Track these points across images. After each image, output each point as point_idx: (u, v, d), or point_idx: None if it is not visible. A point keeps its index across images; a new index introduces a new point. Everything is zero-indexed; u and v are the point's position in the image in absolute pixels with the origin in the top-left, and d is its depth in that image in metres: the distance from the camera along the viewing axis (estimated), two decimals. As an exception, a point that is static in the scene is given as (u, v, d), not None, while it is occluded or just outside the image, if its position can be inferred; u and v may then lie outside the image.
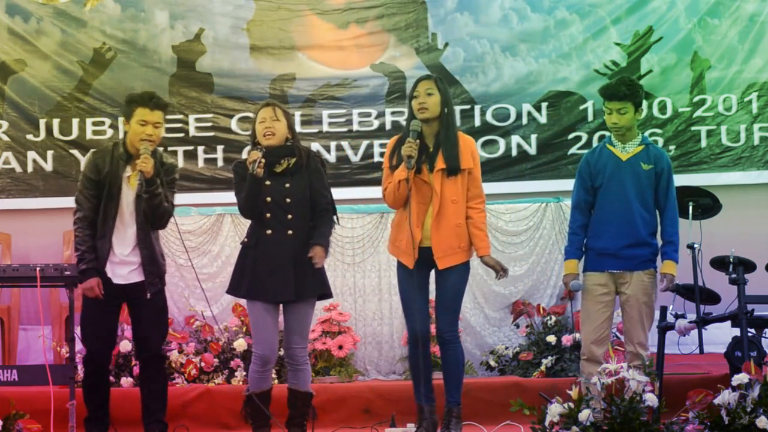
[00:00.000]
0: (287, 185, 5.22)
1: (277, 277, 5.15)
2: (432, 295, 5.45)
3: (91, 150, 5.47)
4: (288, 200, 5.21)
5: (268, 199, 5.18)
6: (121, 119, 5.30)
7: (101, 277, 5.22)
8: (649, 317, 5.34)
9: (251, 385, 5.26)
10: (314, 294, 5.29)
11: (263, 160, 5.09)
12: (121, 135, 8.09)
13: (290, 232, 5.20)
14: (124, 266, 5.26)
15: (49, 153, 8.22)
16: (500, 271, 5.39)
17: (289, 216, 5.20)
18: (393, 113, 8.26)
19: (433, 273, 5.38)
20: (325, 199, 5.32)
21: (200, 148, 8.26)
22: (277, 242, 5.18)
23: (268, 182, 5.19)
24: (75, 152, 8.21)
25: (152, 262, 5.28)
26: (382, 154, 8.15)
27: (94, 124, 8.24)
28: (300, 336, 5.25)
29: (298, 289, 5.18)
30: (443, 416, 5.38)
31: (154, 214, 5.23)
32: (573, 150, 8.19)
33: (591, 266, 5.36)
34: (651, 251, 5.32)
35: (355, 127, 8.29)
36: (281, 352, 5.67)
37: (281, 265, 5.16)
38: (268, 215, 5.19)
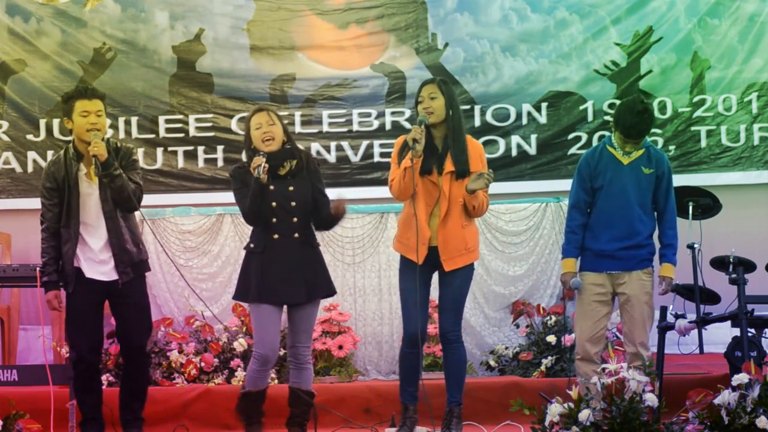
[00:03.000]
0: (291, 188, 5.23)
1: (289, 280, 5.16)
2: (432, 296, 5.46)
3: (48, 161, 5.49)
4: (293, 203, 5.21)
5: (274, 203, 5.18)
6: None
7: (80, 277, 5.24)
8: (650, 317, 5.35)
9: (248, 384, 5.26)
10: (323, 295, 5.33)
11: (266, 165, 5.09)
12: (121, 135, 8.16)
13: (296, 235, 5.21)
14: (104, 263, 5.27)
15: (49, 153, 8.21)
16: (486, 177, 5.18)
17: (294, 219, 5.21)
18: (393, 113, 8.26)
19: (435, 274, 5.38)
20: (326, 199, 5.33)
21: (200, 148, 8.26)
22: (284, 246, 5.19)
23: (272, 186, 5.18)
24: (75, 152, 8.21)
25: (122, 251, 5.27)
26: (382, 155, 8.17)
27: (94, 124, 8.24)
28: (306, 335, 5.27)
29: (308, 291, 5.21)
30: (444, 416, 5.38)
31: (120, 197, 5.23)
32: (573, 150, 8.20)
33: (588, 266, 5.37)
34: (648, 251, 5.34)
35: (355, 127, 8.29)
36: (281, 352, 5.68)
37: (291, 268, 5.18)
38: (274, 220, 5.19)
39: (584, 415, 4.39)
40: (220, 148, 8.25)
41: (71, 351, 5.37)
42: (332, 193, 5.40)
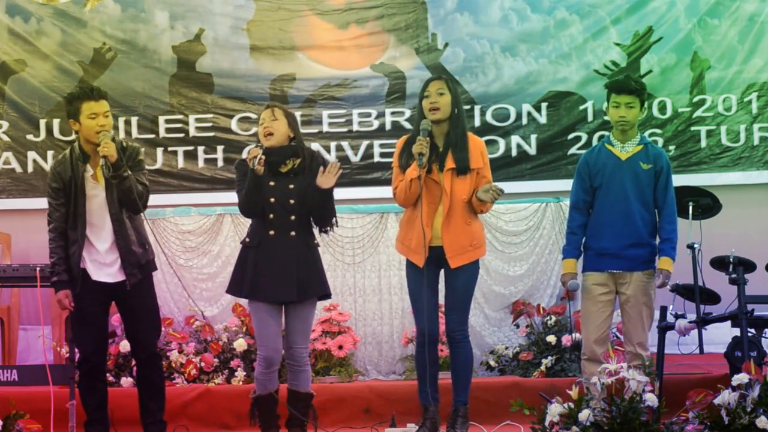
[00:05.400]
0: (291, 186, 5.22)
1: (280, 277, 5.15)
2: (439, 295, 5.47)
3: (53, 161, 5.46)
4: (291, 201, 5.21)
5: (272, 199, 5.18)
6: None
7: (86, 279, 5.22)
8: (649, 317, 5.35)
9: (258, 388, 5.25)
10: (316, 294, 5.30)
11: (263, 157, 5.08)
12: (122, 135, 8.16)
13: (293, 233, 5.21)
14: (107, 265, 5.26)
15: (50, 153, 8.22)
16: (493, 190, 5.18)
17: (292, 217, 5.21)
18: (393, 113, 8.26)
19: (442, 272, 5.38)
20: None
21: (200, 149, 8.26)
22: (279, 243, 5.18)
23: (272, 183, 5.19)
24: (75, 152, 8.21)
25: (128, 252, 5.25)
26: (382, 155, 8.17)
27: (94, 124, 8.24)
28: (302, 336, 5.25)
29: (300, 290, 5.19)
30: (449, 416, 5.38)
31: (128, 199, 5.20)
32: (573, 150, 8.19)
33: (591, 266, 5.37)
34: (650, 251, 5.33)
35: (355, 127, 8.29)
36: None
37: (284, 265, 5.16)
38: (272, 216, 5.19)
39: (584, 415, 4.39)
40: (220, 148, 8.25)
41: (77, 351, 5.36)
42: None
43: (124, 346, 6.32)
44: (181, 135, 8.28)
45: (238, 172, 5.28)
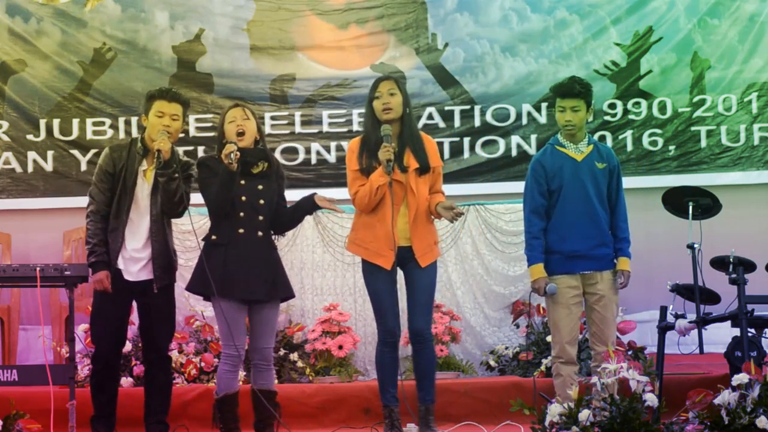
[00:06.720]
0: (260, 187, 5.28)
1: (252, 276, 5.18)
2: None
3: (109, 145, 5.49)
4: (261, 202, 5.26)
5: (243, 198, 5.22)
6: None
7: (112, 271, 5.24)
8: (616, 315, 5.39)
9: (222, 388, 5.25)
10: (283, 295, 5.35)
11: (238, 153, 5.11)
12: (122, 135, 8.17)
13: (260, 233, 5.25)
14: (135, 262, 5.27)
15: (50, 153, 8.23)
16: (452, 209, 5.26)
17: (260, 217, 5.26)
18: (393, 113, 8.26)
19: (401, 272, 5.39)
20: (286, 207, 5.43)
21: (200, 149, 8.26)
22: (249, 241, 5.21)
23: (243, 181, 5.22)
24: (75, 152, 8.22)
25: (162, 255, 5.28)
26: (382, 154, 8.17)
27: (95, 124, 8.25)
28: (271, 336, 5.31)
29: (269, 289, 5.23)
30: (421, 415, 5.38)
31: (171, 201, 5.23)
32: (573, 150, 8.19)
33: (561, 269, 5.29)
34: (613, 249, 5.34)
35: (355, 127, 8.29)
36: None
37: (254, 264, 5.20)
38: (242, 214, 5.22)
39: (584, 415, 4.39)
40: (220, 148, 8.25)
41: (90, 346, 5.35)
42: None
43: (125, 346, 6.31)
44: (181, 135, 8.25)
45: (205, 169, 5.28)
